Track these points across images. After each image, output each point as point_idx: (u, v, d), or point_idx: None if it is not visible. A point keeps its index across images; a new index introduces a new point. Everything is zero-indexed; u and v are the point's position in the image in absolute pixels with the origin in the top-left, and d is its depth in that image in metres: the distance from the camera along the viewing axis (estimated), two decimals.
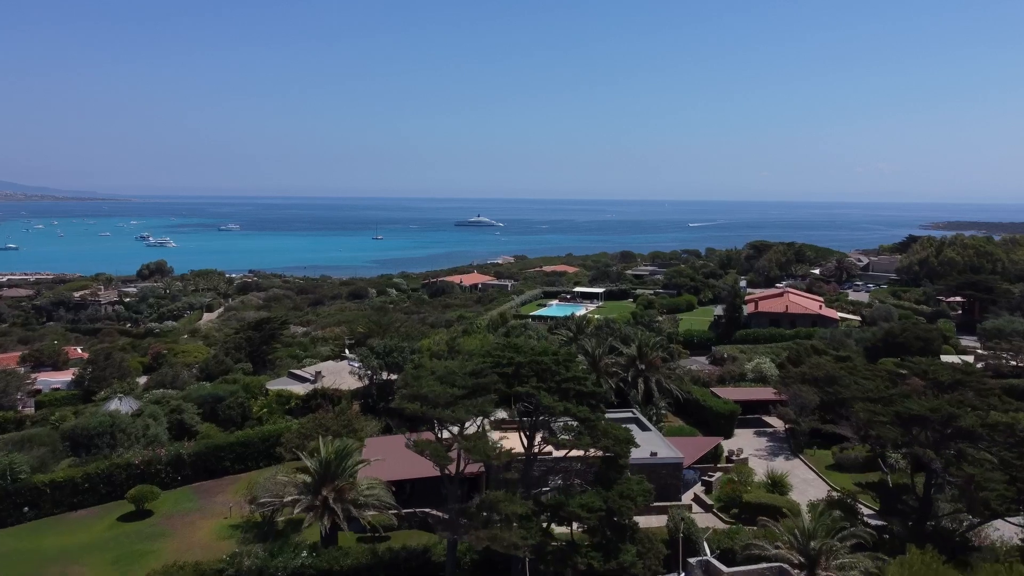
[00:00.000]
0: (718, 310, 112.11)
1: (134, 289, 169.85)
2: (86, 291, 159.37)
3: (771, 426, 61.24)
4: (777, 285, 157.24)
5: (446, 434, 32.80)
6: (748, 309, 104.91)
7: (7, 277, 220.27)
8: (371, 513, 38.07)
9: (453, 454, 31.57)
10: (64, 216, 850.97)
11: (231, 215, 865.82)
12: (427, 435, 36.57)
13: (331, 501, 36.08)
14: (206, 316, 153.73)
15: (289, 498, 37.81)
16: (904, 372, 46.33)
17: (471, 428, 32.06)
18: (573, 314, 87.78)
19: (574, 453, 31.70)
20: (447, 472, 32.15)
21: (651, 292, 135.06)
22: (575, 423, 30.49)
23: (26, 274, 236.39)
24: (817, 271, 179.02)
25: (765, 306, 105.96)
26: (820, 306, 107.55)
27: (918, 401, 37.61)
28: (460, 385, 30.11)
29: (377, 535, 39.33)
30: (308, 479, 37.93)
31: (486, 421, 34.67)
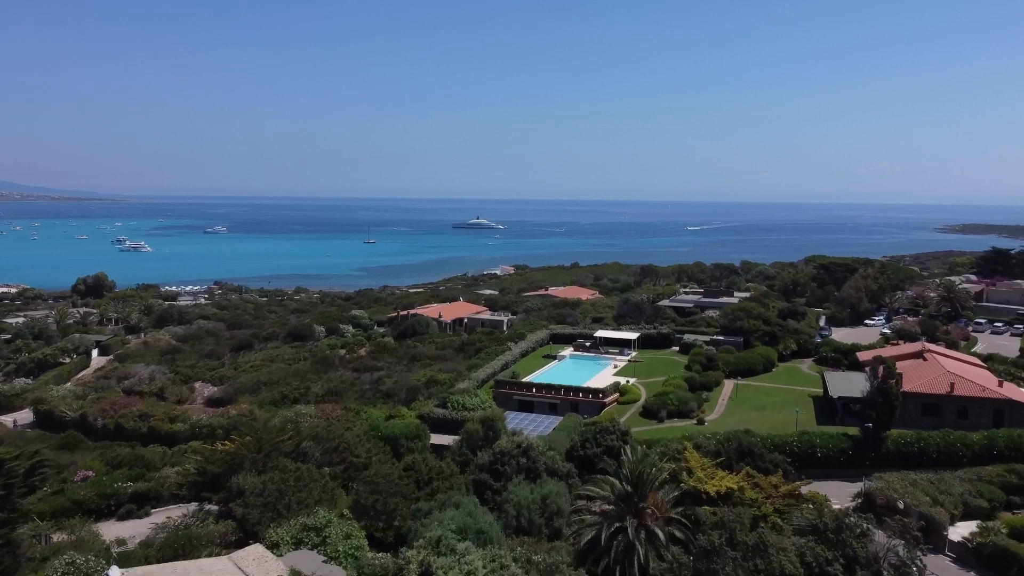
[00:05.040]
0: (833, 384, 70.76)
1: (17, 321, 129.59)
2: None
3: None
4: (868, 322, 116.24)
5: None
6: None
7: None
8: None
9: None
10: (54, 217, 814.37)
11: (226, 216, 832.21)
12: None
13: None
14: (95, 362, 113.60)
15: None
16: None
17: None
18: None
19: None
20: None
21: (706, 339, 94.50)
22: None
23: None
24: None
25: (912, 381, 65.04)
26: (1000, 382, 66.75)
27: None
28: None
29: None
30: None
31: None
